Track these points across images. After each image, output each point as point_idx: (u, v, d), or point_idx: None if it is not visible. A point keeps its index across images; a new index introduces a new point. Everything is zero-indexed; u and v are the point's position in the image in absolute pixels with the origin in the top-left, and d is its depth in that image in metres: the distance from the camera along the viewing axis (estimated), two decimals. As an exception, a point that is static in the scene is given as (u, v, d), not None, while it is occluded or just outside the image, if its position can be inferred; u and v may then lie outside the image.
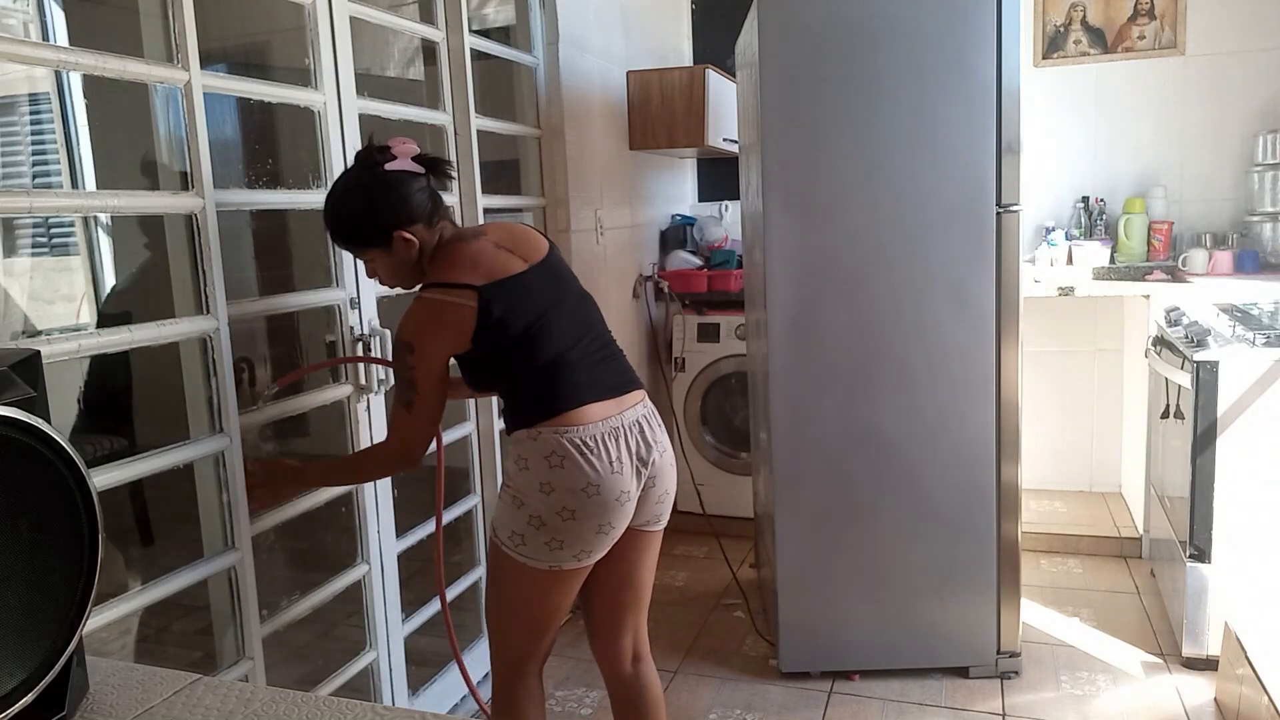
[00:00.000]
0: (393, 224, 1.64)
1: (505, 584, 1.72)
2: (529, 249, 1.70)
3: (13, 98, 2.92)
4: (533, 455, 1.62)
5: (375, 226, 1.64)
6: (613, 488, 1.63)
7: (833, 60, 2.38)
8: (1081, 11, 3.69)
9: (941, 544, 2.52)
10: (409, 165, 1.65)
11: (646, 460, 1.70)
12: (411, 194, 1.65)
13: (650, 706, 1.88)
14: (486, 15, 3.14)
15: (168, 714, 0.83)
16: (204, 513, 1.83)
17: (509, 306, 1.61)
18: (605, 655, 1.88)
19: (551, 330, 1.65)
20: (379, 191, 1.64)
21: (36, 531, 0.75)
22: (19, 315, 2.74)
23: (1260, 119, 3.52)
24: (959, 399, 2.46)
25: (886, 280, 2.44)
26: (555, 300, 1.68)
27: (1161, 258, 3.57)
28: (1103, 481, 3.83)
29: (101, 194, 1.57)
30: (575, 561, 1.67)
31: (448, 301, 1.60)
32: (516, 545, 1.65)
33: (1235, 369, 2.43)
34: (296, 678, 2.14)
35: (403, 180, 1.64)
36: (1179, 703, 2.43)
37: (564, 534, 1.62)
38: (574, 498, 1.60)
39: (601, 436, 1.63)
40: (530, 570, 1.66)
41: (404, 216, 1.64)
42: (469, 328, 1.60)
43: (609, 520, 1.65)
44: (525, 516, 1.63)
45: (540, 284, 1.67)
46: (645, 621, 1.90)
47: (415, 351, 1.60)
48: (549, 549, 1.64)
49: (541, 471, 1.61)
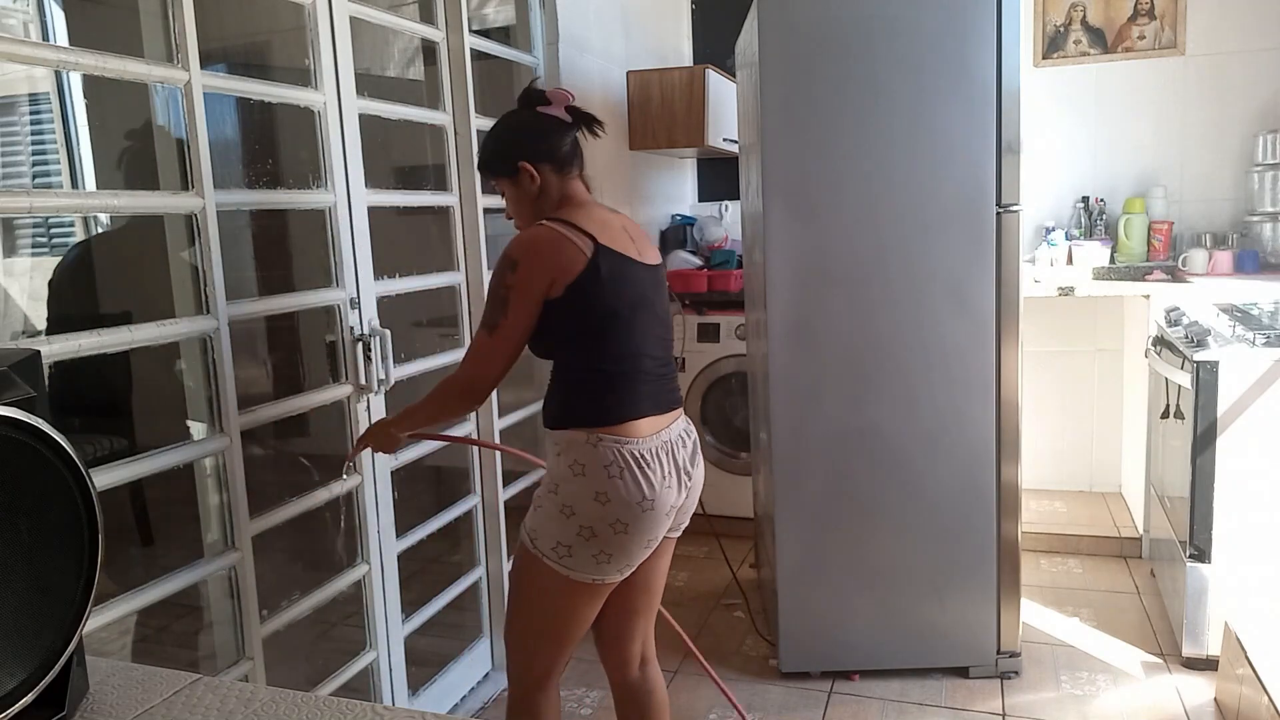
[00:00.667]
0: (522, 155, 1.68)
1: (537, 596, 1.67)
2: (646, 249, 1.72)
3: (13, 98, 2.92)
4: (591, 463, 1.58)
5: (507, 155, 1.70)
6: (664, 502, 1.62)
7: (833, 60, 2.38)
8: (1081, 11, 3.69)
9: (941, 544, 2.52)
10: (560, 113, 1.70)
11: (690, 473, 1.70)
12: (551, 136, 1.69)
13: (656, 709, 1.86)
14: (486, 15, 3.14)
15: (168, 714, 0.82)
16: (204, 513, 1.83)
17: (614, 278, 1.60)
18: (614, 661, 1.85)
19: (638, 327, 1.64)
20: (522, 126, 1.72)
21: (36, 531, 0.75)
22: (19, 315, 2.74)
23: (1260, 119, 3.52)
24: (959, 399, 2.46)
25: (886, 280, 2.44)
26: (649, 301, 1.68)
27: (1161, 258, 3.57)
28: (1103, 481, 3.83)
29: (101, 194, 1.58)
30: (618, 575, 1.64)
31: (566, 236, 1.59)
32: (561, 557, 1.60)
33: (1235, 369, 2.43)
34: (296, 678, 2.14)
35: (548, 122, 1.70)
36: (1179, 703, 2.43)
37: (614, 547, 1.59)
38: (630, 511, 1.58)
39: (655, 450, 1.62)
40: (570, 583, 1.62)
41: (535, 151, 1.68)
42: (576, 269, 1.57)
43: (656, 534, 1.64)
44: (575, 527, 1.58)
45: (643, 281, 1.67)
46: (653, 628, 1.88)
47: (519, 269, 1.57)
48: (596, 562, 1.60)
49: (599, 481, 1.57)
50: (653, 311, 1.69)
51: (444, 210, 2.53)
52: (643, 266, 1.67)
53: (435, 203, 2.52)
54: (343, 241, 2.07)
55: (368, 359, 2.10)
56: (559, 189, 1.69)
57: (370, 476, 2.15)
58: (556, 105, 1.70)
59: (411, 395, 2.57)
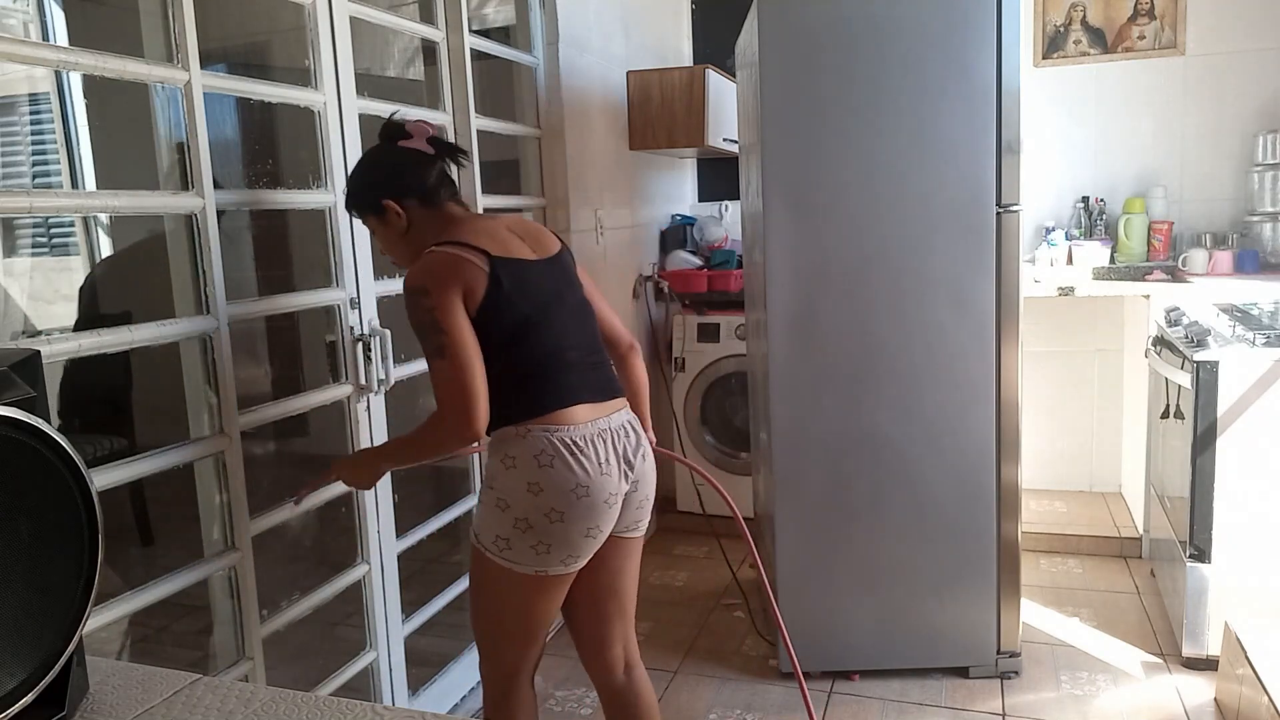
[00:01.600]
0: (384, 193, 1.68)
1: (490, 592, 1.69)
2: (540, 243, 1.72)
3: (13, 98, 2.92)
4: (521, 454, 1.58)
5: (370, 194, 1.70)
6: (602, 489, 1.61)
7: (833, 60, 2.38)
8: (1081, 11, 3.69)
9: (941, 544, 2.52)
10: (421, 145, 1.69)
11: (633, 464, 1.68)
12: (413, 170, 1.68)
13: (645, 713, 1.85)
14: (486, 15, 3.14)
15: (168, 714, 0.83)
16: (204, 513, 1.83)
17: (516, 286, 1.60)
18: (597, 667, 1.84)
19: (553, 324, 1.64)
20: (383, 163, 1.71)
21: (36, 531, 0.75)
22: (19, 315, 2.74)
23: (1260, 119, 3.52)
24: (959, 399, 2.46)
25: (886, 280, 2.44)
26: (558, 296, 1.68)
27: (1161, 258, 3.57)
28: (1103, 481, 3.83)
29: (101, 194, 1.57)
30: (562, 566, 1.63)
31: (460, 256, 1.58)
32: (501, 550, 1.61)
33: (1235, 369, 2.43)
34: (296, 678, 2.14)
35: (410, 157, 1.69)
36: (1179, 703, 2.43)
37: (551, 537, 1.59)
38: (564, 499, 1.58)
39: (590, 437, 1.61)
40: (515, 576, 1.63)
41: (398, 188, 1.68)
42: (481, 285, 1.56)
43: (597, 523, 1.62)
44: (511, 519, 1.59)
45: (546, 277, 1.67)
46: (634, 629, 1.87)
47: (432, 294, 1.54)
48: (535, 553, 1.60)
49: (530, 471, 1.58)
50: (565, 304, 1.69)
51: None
52: (542, 264, 1.68)
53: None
54: (343, 241, 2.07)
55: (368, 359, 2.10)
56: (431, 220, 1.68)
57: (370, 476, 2.14)
58: (417, 138, 1.69)
59: (411, 395, 2.57)
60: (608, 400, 1.68)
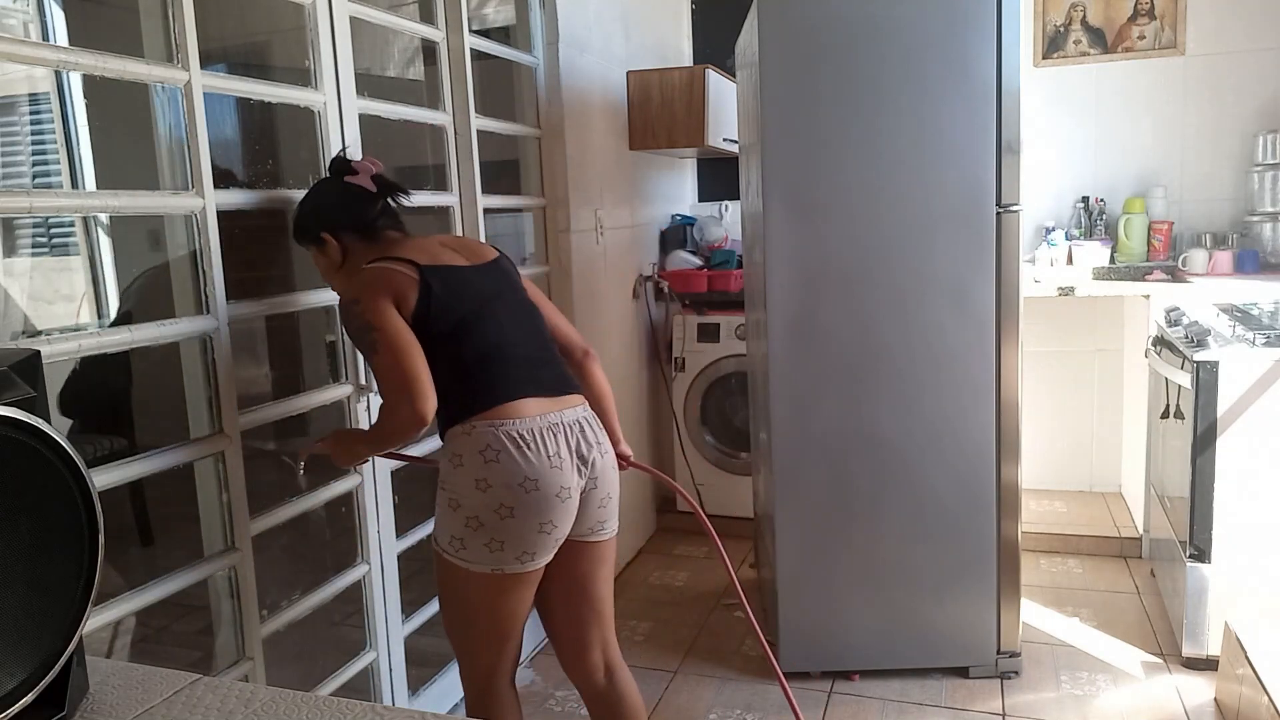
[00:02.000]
0: (323, 226, 1.74)
1: (453, 593, 1.69)
2: (474, 253, 1.76)
3: (13, 98, 2.92)
4: (467, 450, 1.59)
5: (310, 225, 1.76)
6: (553, 483, 1.59)
7: (833, 60, 2.38)
8: (1081, 11, 3.69)
9: (941, 544, 2.52)
10: (365, 183, 1.74)
11: (587, 459, 1.67)
12: (354, 206, 1.74)
13: (630, 715, 1.85)
14: (486, 15, 3.14)
15: (168, 714, 0.82)
16: (204, 513, 1.83)
17: (449, 289, 1.63)
18: (576, 673, 1.85)
19: (492, 321, 1.66)
20: (325, 197, 1.78)
21: (36, 531, 0.75)
22: (19, 315, 2.74)
23: (1260, 119, 3.52)
24: (959, 399, 2.46)
25: (886, 280, 2.44)
26: (497, 294, 1.70)
27: (1161, 258, 3.57)
28: (1103, 481, 3.83)
29: (101, 194, 1.57)
30: (519, 564, 1.62)
31: (389, 268, 1.63)
32: (457, 550, 1.61)
33: (1235, 369, 2.43)
34: (296, 678, 2.14)
35: (352, 192, 1.74)
36: (1179, 703, 2.43)
37: (504, 533, 1.58)
38: (512, 493, 1.57)
39: (539, 431, 1.60)
40: (474, 576, 1.62)
41: (336, 222, 1.73)
42: (412, 293, 1.60)
43: (550, 518, 1.61)
44: (463, 518, 1.59)
45: (482, 279, 1.71)
46: (612, 633, 1.86)
47: (363, 301, 1.60)
48: (489, 551, 1.59)
49: (476, 467, 1.57)
50: (505, 302, 1.71)
51: (444, 210, 2.53)
52: (475, 269, 1.71)
53: (435, 203, 2.52)
54: (343, 241, 2.06)
55: (368, 359, 2.10)
56: (368, 250, 1.71)
57: (370, 476, 2.14)
58: (362, 176, 1.74)
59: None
60: (559, 395, 1.68)
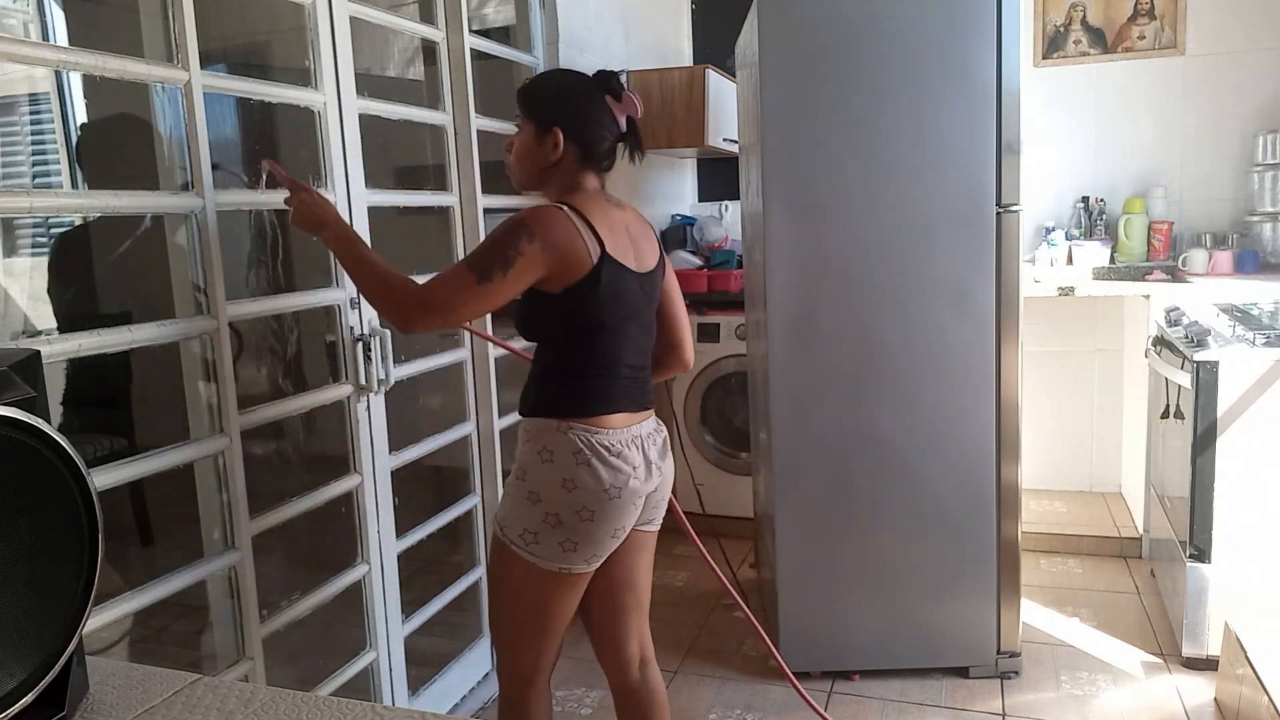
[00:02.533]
0: (561, 121, 1.64)
1: (511, 586, 1.68)
2: (643, 255, 1.70)
3: (13, 98, 2.92)
4: (560, 449, 1.59)
5: (551, 109, 1.66)
6: (631, 492, 1.63)
7: (833, 60, 2.38)
8: (1081, 11, 3.69)
9: (941, 544, 2.52)
10: (619, 115, 1.69)
11: (660, 466, 1.71)
12: (598, 128, 1.66)
13: (658, 710, 1.85)
14: (486, 15, 3.14)
15: (168, 714, 0.82)
16: (204, 513, 1.83)
17: (610, 292, 1.60)
18: (613, 663, 1.84)
19: (621, 338, 1.65)
20: (582, 99, 1.67)
21: (36, 531, 0.75)
22: (19, 315, 2.74)
23: (1260, 119, 3.52)
24: (959, 399, 2.46)
25: (886, 280, 2.44)
26: (636, 313, 1.68)
27: (1161, 258, 3.57)
28: (1103, 481, 3.83)
29: (101, 194, 1.57)
30: (585, 565, 1.65)
31: (580, 234, 1.56)
32: (527, 544, 1.61)
33: (1235, 369, 2.43)
34: (296, 678, 2.14)
35: (604, 113, 1.67)
36: (1179, 703, 2.43)
37: (579, 535, 1.60)
38: (596, 499, 1.59)
39: (625, 442, 1.63)
40: (538, 571, 1.63)
41: (576, 128, 1.65)
42: (579, 273, 1.56)
43: (624, 524, 1.64)
44: (541, 513, 1.59)
45: (637, 291, 1.67)
46: (648, 627, 1.87)
47: (536, 241, 1.53)
48: (562, 550, 1.61)
49: (566, 467, 1.58)
50: (638, 323, 1.69)
51: (444, 210, 2.53)
52: (639, 277, 1.67)
53: (435, 203, 2.52)
54: (343, 241, 2.06)
55: (368, 359, 2.10)
56: (573, 172, 1.67)
57: (370, 476, 2.14)
58: (621, 108, 1.69)
59: (412, 394, 2.58)
60: (641, 410, 1.70)
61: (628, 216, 1.71)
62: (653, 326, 1.76)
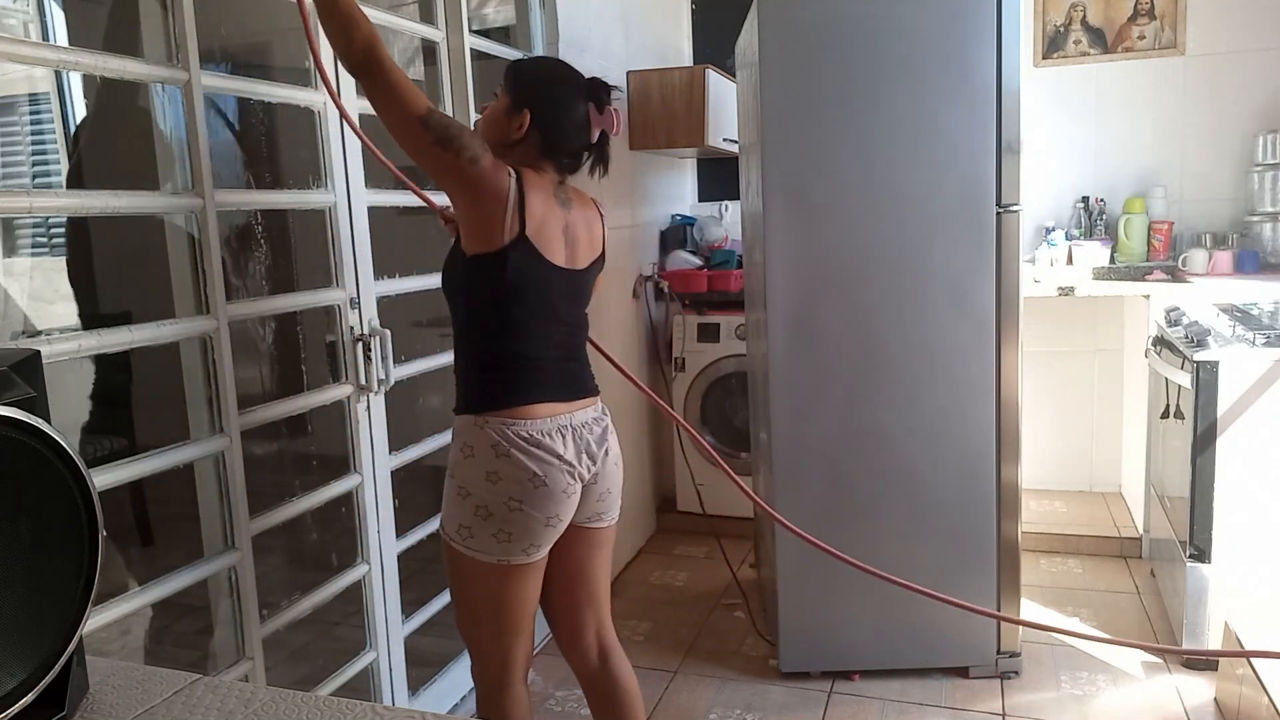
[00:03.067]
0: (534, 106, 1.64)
1: (461, 583, 1.72)
2: (582, 252, 1.71)
3: (13, 98, 2.92)
4: (479, 444, 1.61)
5: (530, 93, 1.66)
6: (559, 480, 1.63)
7: (833, 60, 2.38)
8: (1081, 11, 3.69)
9: (941, 544, 2.52)
10: (594, 129, 1.69)
11: (595, 456, 1.70)
12: (569, 131, 1.67)
13: (624, 699, 1.87)
14: (486, 15, 3.14)
15: (168, 714, 0.83)
16: (204, 513, 1.83)
17: (517, 277, 1.60)
18: (573, 656, 1.89)
19: (537, 334, 1.65)
20: (562, 93, 1.68)
21: (36, 531, 0.75)
22: (19, 315, 2.74)
23: (1260, 119, 3.52)
24: (959, 399, 2.46)
25: (886, 280, 2.44)
26: (552, 308, 1.67)
27: (1161, 258, 3.57)
28: (1103, 481, 3.83)
29: (102, 194, 1.57)
30: (524, 556, 1.66)
31: (506, 208, 1.56)
32: (465, 539, 1.64)
33: (1235, 369, 2.43)
34: (296, 678, 2.14)
35: (579, 117, 1.68)
36: (1179, 703, 2.43)
37: (511, 525, 1.62)
38: (521, 488, 1.60)
39: (548, 431, 1.64)
40: (480, 565, 1.65)
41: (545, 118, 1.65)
42: (491, 236, 1.57)
43: (556, 513, 1.65)
44: (471, 507, 1.62)
45: (554, 288, 1.66)
46: (608, 616, 1.89)
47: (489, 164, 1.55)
48: (497, 541, 1.63)
49: (488, 460, 1.60)
50: (557, 318, 1.69)
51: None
52: (564, 273, 1.67)
53: (435, 203, 2.51)
54: (343, 241, 2.06)
55: (368, 359, 2.10)
56: (531, 158, 1.67)
57: (370, 476, 2.15)
58: (600, 120, 1.69)
59: (412, 394, 2.58)
60: (575, 399, 1.70)
61: (571, 216, 1.70)
62: (583, 320, 1.76)
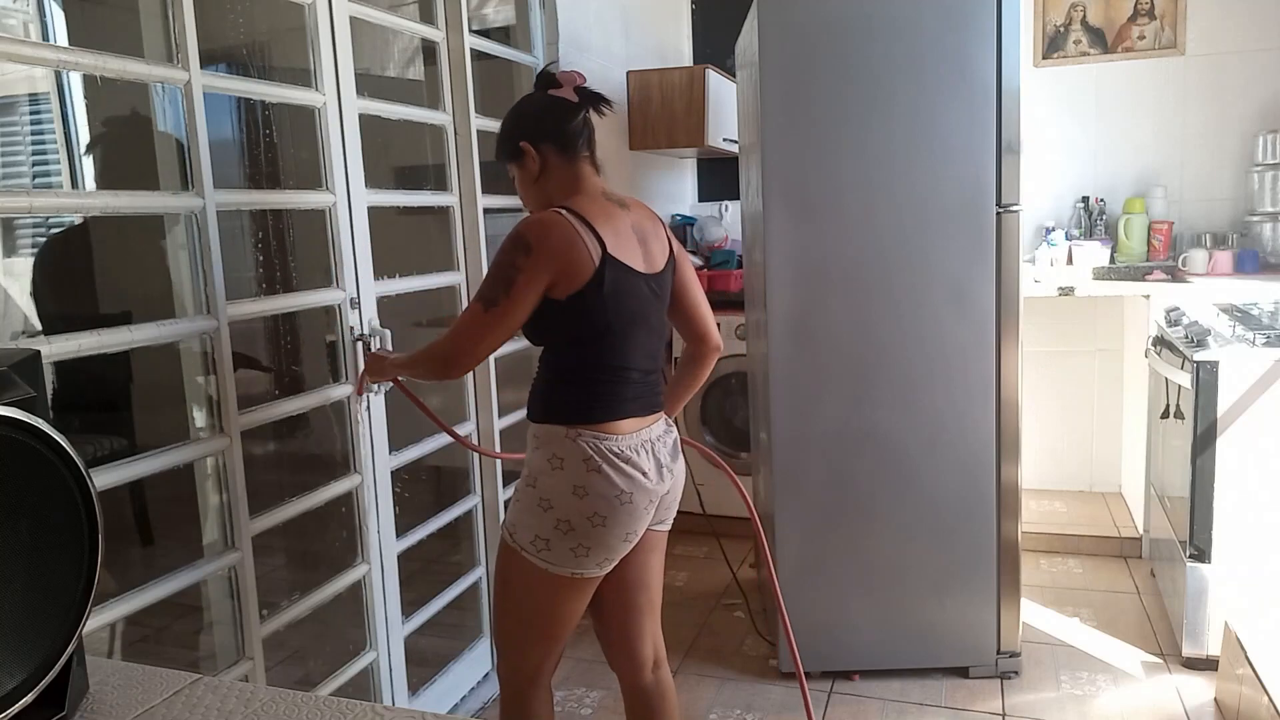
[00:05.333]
0: (522, 135, 1.67)
1: (520, 591, 1.68)
2: (651, 255, 1.70)
3: (13, 98, 2.91)
4: (570, 456, 1.59)
5: (510, 137, 1.69)
6: (643, 496, 1.63)
7: (833, 60, 2.38)
8: (1081, 11, 3.69)
9: (941, 544, 2.52)
10: (568, 94, 1.68)
11: (671, 469, 1.71)
12: (554, 115, 1.67)
13: (668, 712, 1.85)
14: (486, 15, 3.14)
15: (168, 714, 0.83)
16: (204, 513, 1.83)
17: (615, 293, 1.59)
18: (626, 665, 1.83)
19: (628, 342, 1.64)
20: (527, 108, 1.71)
21: (36, 531, 0.75)
22: (19, 315, 2.74)
23: (1260, 119, 3.52)
24: (959, 399, 2.46)
25: (886, 280, 2.44)
26: (644, 316, 1.67)
27: (1161, 258, 3.57)
28: (1103, 481, 3.83)
29: (101, 194, 1.57)
30: (597, 569, 1.64)
31: (579, 236, 1.56)
32: (539, 550, 1.61)
33: (1235, 369, 2.43)
34: (296, 678, 2.14)
35: (555, 103, 1.68)
36: (1179, 703, 2.43)
37: (592, 540, 1.60)
38: (607, 504, 1.59)
39: (634, 447, 1.63)
40: (550, 577, 1.62)
41: (535, 131, 1.67)
42: (582, 278, 1.56)
43: (635, 528, 1.64)
44: (553, 520, 1.59)
45: (645, 292, 1.66)
46: (660, 627, 1.87)
47: (533, 254, 1.54)
48: (574, 555, 1.61)
49: (577, 475, 1.58)
50: (647, 325, 1.69)
51: (444, 210, 2.53)
52: (647, 278, 1.66)
53: (435, 203, 2.52)
54: (343, 241, 2.07)
55: (368, 359, 2.10)
56: (565, 171, 1.67)
57: (370, 476, 2.15)
58: (566, 88, 1.69)
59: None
60: (651, 414, 1.70)
61: (634, 216, 1.70)
62: (663, 328, 1.76)
